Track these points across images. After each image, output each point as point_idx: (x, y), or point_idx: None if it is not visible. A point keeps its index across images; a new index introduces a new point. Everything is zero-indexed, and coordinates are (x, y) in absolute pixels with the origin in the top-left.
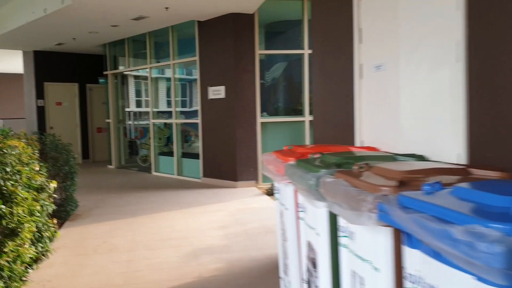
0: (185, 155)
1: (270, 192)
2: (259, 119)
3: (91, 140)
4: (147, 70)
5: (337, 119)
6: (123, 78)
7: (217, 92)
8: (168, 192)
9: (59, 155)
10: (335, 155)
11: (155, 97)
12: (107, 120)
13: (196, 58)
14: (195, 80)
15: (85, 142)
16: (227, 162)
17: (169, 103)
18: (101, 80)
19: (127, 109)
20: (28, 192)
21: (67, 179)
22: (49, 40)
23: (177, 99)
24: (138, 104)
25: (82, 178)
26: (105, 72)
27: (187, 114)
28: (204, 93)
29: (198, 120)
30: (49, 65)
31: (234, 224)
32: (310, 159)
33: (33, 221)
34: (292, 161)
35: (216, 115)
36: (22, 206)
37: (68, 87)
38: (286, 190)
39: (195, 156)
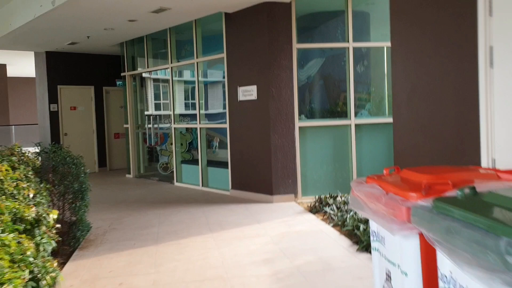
0: (211, 163)
1: (314, 209)
2: (298, 123)
3: (108, 147)
4: (168, 70)
5: (440, 126)
6: (142, 80)
7: (248, 92)
8: (193, 208)
9: (68, 170)
10: None
11: (177, 99)
12: (125, 126)
13: (223, 55)
14: (215, 81)
15: (102, 149)
16: (261, 172)
17: (187, 105)
18: (118, 83)
19: (146, 113)
20: (17, 230)
21: (76, 199)
22: (61, 39)
23: (201, 101)
24: (158, 107)
25: (98, 190)
26: (122, 74)
27: (209, 117)
28: (232, 94)
29: (226, 125)
30: (63, 67)
31: (281, 257)
32: (462, 200)
33: (23, 270)
34: (421, 200)
35: (247, 119)
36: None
37: (83, 91)
38: (403, 244)
39: (222, 165)
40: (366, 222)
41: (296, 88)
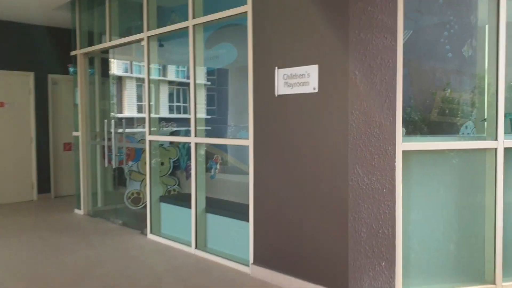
0: (213, 205)
1: None
2: (401, 144)
3: (53, 163)
4: (143, 42)
5: None
6: (104, 63)
7: (298, 79)
8: None
9: None
10: None
11: (155, 95)
12: (75, 134)
13: (246, 7)
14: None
15: (44, 166)
16: (322, 240)
17: (173, 104)
18: (72, 69)
19: (114, 115)
20: None
21: None
22: None
23: (199, 98)
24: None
25: (15, 245)
26: (73, 52)
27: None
28: (261, 83)
29: (245, 141)
30: None
31: None
32: None
33: None
34: None
35: (294, 132)
36: None
37: (16, 79)
38: None
39: (235, 210)
40: None
41: (401, 71)
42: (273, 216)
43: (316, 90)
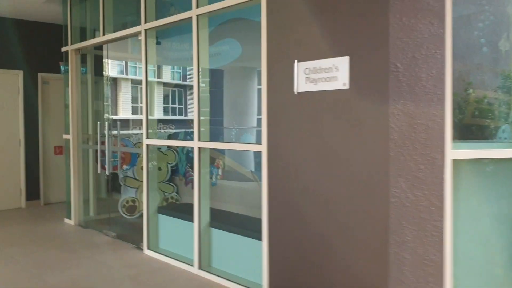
0: (216, 216)
1: None
2: (450, 152)
3: (43, 167)
4: (140, 36)
5: None
6: (97, 60)
7: (324, 73)
8: None
9: None
10: None
11: (155, 95)
12: (65, 136)
13: None
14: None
15: (33, 171)
16: (354, 265)
17: (173, 104)
18: (64, 67)
19: (108, 117)
20: None
21: None
22: None
23: (204, 95)
24: (128, 109)
25: None
26: (64, 49)
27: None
28: (278, 79)
29: (258, 146)
30: None
31: None
32: None
33: None
34: None
35: (319, 134)
36: None
37: (5, 77)
38: None
39: (244, 224)
40: None
41: (451, 64)
42: (293, 235)
43: (347, 87)
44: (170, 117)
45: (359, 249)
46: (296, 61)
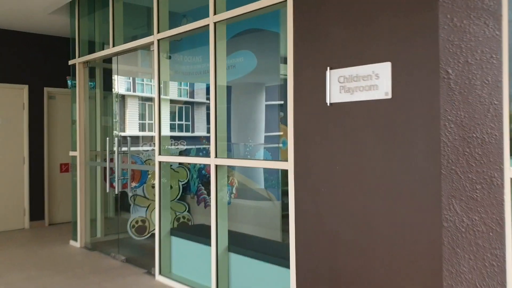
0: (234, 239)
1: None
2: (508, 169)
3: (48, 186)
4: (153, 47)
5: None
6: (106, 73)
7: (362, 82)
8: None
9: None
10: None
11: (167, 110)
12: (72, 153)
13: None
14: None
15: (38, 190)
16: None
17: (184, 120)
18: (71, 82)
19: (115, 133)
20: None
21: None
22: None
23: (221, 105)
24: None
25: None
26: (71, 62)
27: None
28: (306, 88)
29: (283, 164)
30: None
31: None
32: None
33: None
34: None
35: (356, 150)
36: None
37: (9, 92)
38: None
39: (264, 247)
40: None
41: (508, 71)
42: (326, 266)
43: (389, 96)
44: (177, 133)
45: (407, 282)
46: (328, 68)
